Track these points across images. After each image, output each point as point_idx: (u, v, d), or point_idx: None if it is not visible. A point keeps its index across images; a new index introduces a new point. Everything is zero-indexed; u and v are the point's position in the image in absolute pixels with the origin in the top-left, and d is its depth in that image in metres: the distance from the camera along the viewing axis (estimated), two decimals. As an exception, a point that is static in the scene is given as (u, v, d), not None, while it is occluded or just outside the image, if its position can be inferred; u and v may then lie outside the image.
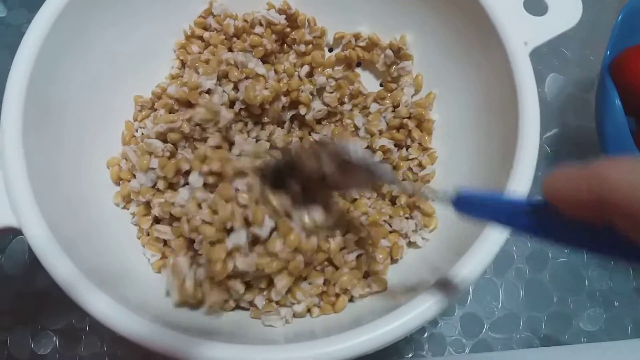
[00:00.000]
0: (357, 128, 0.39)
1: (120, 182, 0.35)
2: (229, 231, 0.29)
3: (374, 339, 0.24)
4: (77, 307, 0.25)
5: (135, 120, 0.38)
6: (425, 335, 0.39)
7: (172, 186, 0.33)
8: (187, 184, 0.34)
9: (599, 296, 0.41)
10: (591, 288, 0.41)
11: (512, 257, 0.42)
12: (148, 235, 0.34)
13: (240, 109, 0.36)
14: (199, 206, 0.29)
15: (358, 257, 0.33)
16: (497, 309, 0.40)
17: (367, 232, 0.33)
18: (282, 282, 0.29)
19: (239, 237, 0.28)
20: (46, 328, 0.38)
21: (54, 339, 0.38)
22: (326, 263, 0.32)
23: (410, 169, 0.37)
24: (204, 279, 0.29)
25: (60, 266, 0.25)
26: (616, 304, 0.41)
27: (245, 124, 0.37)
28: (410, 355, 0.38)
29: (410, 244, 0.34)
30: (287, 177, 0.30)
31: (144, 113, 0.37)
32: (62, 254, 0.25)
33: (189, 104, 0.35)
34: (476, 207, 0.22)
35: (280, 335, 0.29)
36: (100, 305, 0.24)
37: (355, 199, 0.36)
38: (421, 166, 0.37)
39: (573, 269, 0.42)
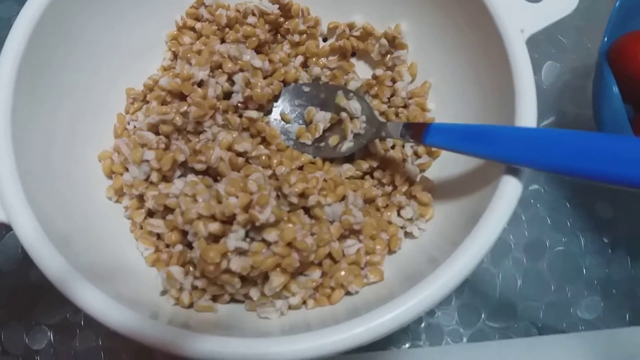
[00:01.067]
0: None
1: (113, 175, 0.34)
2: (227, 222, 0.28)
3: (370, 330, 0.23)
4: (71, 302, 0.25)
5: (127, 112, 0.37)
6: (423, 325, 0.39)
7: (165, 178, 0.33)
8: (181, 175, 0.33)
9: (597, 284, 0.41)
10: (589, 276, 0.41)
11: (510, 246, 0.42)
12: (141, 228, 0.33)
13: (239, 102, 0.36)
14: (195, 199, 0.29)
15: (357, 250, 0.32)
16: (494, 298, 0.40)
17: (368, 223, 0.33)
18: (277, 280, 0.29)
19: (238, 237, 0.28)
20: (41, 323, 0.38)
21: (49, 333, 0.38)
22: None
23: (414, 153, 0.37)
24: (198, 276, 0.29)
25: (50, 261, 0.25)
26: (614, 292, 0.41)
27: (240, 116, 0.36)
28: (407, 345, 0.38)
29: (407, 235, 0.34)
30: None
31: (136, 105, 0.37)
32: (53, 249, 0.25)
33: (181, 96, 0.35)
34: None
35: (276, 328, 0.29)
36: (93, 300, 0.24)
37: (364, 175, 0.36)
38: (417, 155, 0.36)
39: (571, 257, 0.41)
